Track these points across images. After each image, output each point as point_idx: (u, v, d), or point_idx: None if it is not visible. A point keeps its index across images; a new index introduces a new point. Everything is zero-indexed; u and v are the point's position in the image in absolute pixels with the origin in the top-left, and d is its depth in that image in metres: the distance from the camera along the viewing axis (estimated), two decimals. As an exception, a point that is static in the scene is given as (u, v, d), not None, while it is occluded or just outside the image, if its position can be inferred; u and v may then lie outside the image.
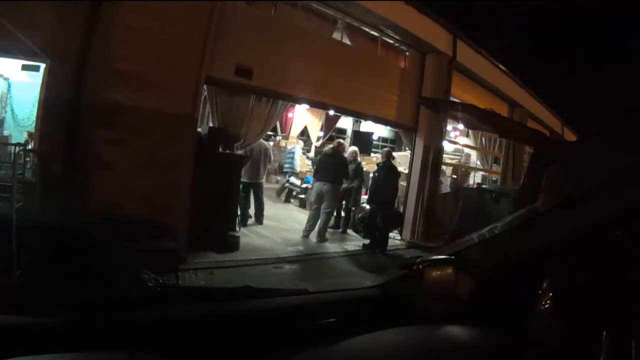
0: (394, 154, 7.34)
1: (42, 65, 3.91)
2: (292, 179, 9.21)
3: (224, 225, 5.12)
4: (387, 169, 6.35)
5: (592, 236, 0.99)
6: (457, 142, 10.70)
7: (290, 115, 10.75)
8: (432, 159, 7.41)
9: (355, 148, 7.27)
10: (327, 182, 6.17)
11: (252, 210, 6.58)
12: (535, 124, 11.20)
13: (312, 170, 9.57)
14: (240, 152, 5.92)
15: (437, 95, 7.21)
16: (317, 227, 6.25)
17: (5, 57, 4.07)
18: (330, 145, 6.87)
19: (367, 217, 6.07)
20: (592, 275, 0.92)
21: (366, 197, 6.87)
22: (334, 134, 11.47)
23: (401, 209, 7.62)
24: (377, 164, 7.18)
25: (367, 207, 6.19)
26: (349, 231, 7.14)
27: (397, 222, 6.79)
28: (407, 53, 7.51)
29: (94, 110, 3.85)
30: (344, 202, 7.04)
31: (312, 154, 11.11)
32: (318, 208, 6.23)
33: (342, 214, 7.18)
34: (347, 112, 7.48)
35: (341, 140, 6.98)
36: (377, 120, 7.67)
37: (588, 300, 0.88)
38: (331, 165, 6.26)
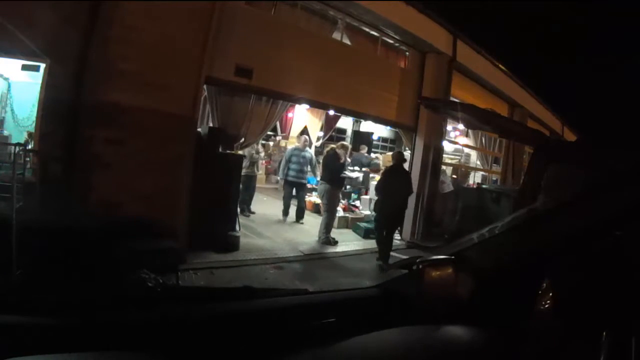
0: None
1: (42, 65, 3.91)
2: None
3: (224, 225, 5.12)
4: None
5: (592, 236, 0.99)
6: (457, 142, 10.70)
7: (290, 115, 10.74)
8: (432, 159, 7.41)
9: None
10: (323, 181, 6.22)
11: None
12: (535, 124, 11.20)
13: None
14: (240, 152, 5.94)
15: (437, 95, 7.21)
16: (319, 227, 6.24)
17: (5, 57, 4.07)
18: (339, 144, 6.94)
19: None
20: (592, 275, 0.93)
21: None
22: (334, 134, 11.47)
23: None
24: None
25: None
26: (349, 231, 7.15)
27: None
28: (407, 53, 7.51)
29: (93, 110, 3.85)
30: None
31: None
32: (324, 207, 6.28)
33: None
34: (347, 112, 7.49)
35: (344, 143, 7.08)
36: (377, 120, 7.67)
37: (588, 300, 0.88)
38: (325, 164, 6.31)
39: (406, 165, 6.61)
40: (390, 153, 10.65)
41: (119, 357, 0.76)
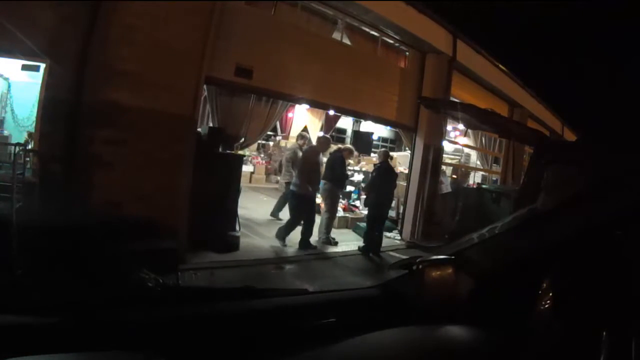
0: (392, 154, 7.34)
1: (42, 65, 3.91)
2: None
3: (224, 225, 5.12)
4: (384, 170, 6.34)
5: (592, 236, 0.99)
6: (457, 142, 10.70)
7: (290, 115, 10.75)
8: (432, 159, 7.41)
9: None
10: (326, 181, 6.20)
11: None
12: (535, 124, 11.20)
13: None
14: (240, 152, 5.91)
15: (437, 95, 7.21)
16: (319, 227, 6.23)
17: (5, 57, 4.07)
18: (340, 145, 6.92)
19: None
20: (592, 275, 0.93)
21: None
22: (334, 134, 11.48)
23: (401, 209, 7.63)
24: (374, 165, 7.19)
25: None
26: (349, 231, 7.15)
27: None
28: (407, 53, 7.51)
29: (94, 110, 3.85)
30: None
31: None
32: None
33: None
34: (347, 112, 7.49)
35: (351, 148, 7.07)
36: (377, 120, 7.67)
37: (588, 300, 0.88)
38: (332, 165, 6.29)
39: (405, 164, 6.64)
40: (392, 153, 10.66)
41: (119, 357, 0.76)
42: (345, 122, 12.23)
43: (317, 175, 5.80)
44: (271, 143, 11.56)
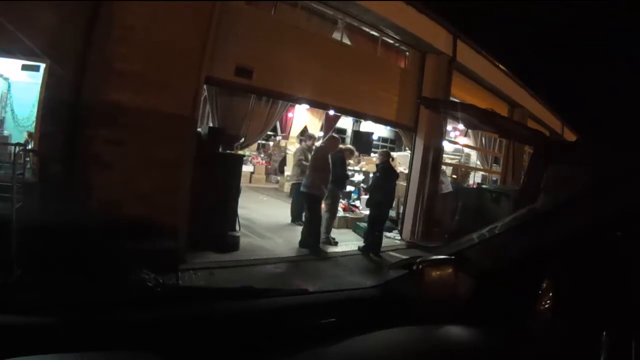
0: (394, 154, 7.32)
1: (42, 65, 3.91)
2: None
3: (224, 225, 5.12)
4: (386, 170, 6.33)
5: (592, 236, 1.00)
6: (457, 142, 10.70)
7: (290, 115, 10.75)
8: (432, 159, 7.41)
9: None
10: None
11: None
12: (535, 124, 11.20)
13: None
14: (240, 152, 5.90)
15: (437, 95, 7.21)
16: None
17: (5, 57, 4.07)
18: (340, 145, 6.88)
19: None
20: (592, 275, 0.93)
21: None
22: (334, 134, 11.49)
23: (401, 209, 7.62)
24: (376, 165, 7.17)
25: None
26: (349, 231, 7.15)
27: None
28: (407, 53, 7.51)
29: (93, 110, 3.84)
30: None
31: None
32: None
33: None
34: (347, 112, 7.49)
35: (351, 148, 7.05)
36: (377, 120, 7.67)
37: (588, 300, 0.88)
38: (333, 165, 6.28)
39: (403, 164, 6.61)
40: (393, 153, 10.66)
41: (119, 357, 0.76)
42: (345, 122, 12.23)
43: (327, 174, 5.76)
44: (271, 143, 11.56)
